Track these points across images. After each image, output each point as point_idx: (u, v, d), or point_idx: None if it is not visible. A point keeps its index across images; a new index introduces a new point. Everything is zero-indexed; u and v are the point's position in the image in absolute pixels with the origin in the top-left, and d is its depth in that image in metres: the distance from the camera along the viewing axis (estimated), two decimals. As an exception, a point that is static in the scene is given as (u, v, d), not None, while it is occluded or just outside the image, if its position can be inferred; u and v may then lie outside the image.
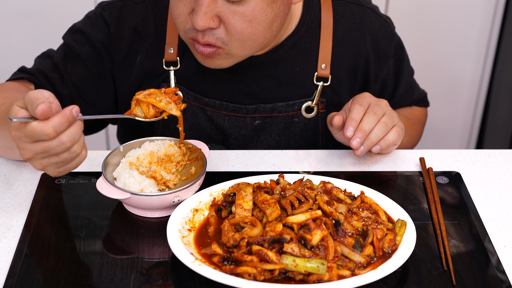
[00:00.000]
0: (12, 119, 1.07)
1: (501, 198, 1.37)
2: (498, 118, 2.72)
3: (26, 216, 1.28)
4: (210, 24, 1.30)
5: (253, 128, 1.56)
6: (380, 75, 1.61)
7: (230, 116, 1.55)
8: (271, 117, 1.56)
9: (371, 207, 1.23)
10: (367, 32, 1.56)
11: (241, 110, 1.54)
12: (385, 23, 1.59)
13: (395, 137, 1.40)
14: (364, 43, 1.56)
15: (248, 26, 1.31)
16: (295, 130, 1.58)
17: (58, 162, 1.11)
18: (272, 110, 1.55)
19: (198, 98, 1.54)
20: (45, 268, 1.15)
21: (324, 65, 1.53)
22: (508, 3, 2.56)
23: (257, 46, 1.38)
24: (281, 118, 1.56)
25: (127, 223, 1.27)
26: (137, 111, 1.27)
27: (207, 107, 1.54)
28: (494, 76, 2.71)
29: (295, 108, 1.56)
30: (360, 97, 1.41)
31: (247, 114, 1.55)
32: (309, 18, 1.53)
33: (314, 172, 1.43)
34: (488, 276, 1.16)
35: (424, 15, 2.55)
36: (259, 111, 1.55)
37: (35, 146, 1.08)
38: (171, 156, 1.35)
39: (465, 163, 1.48)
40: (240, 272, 1.08)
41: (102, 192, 1.23)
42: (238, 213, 1.18)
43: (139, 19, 1.52)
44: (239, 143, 1.58)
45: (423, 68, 2.62)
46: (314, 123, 1.58)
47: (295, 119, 1.56)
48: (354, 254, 1.11)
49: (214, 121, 1.56)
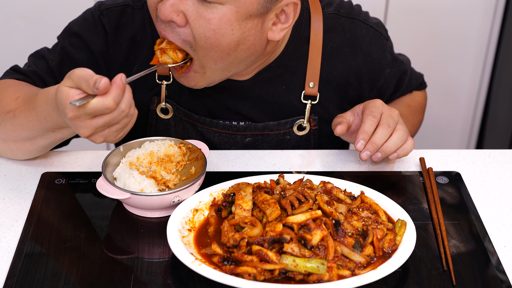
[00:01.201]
0: (75, 103, 1.08)
1: (501, 198, 1.37)
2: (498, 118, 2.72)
3: (26, 216, 1.28)
4: (174, 17, 1.27)
5: (244, 146, 1.55)
6: (376, 85, 1.59)
7: (221, 133, 1.54)
8: (262, 135, 1.54)
9: (371, 207, 1.23)
10: (357, 47, 1.53)
11: (232, 128, 1.53)
12: (376, 33, 1.55)
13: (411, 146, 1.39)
14: (354, 58, 1.53)
15: (212, 35, 1.27)
16: (287, 147, 1.56)
17: (119, 129, 1.16)
18: (263, 128, 1.53)
19: (188, 114, 1.53)
20: (45, 268, 1.15)
21: (312, 84, 1.50)
22: (508, 3, 2.56)
23: (225, 64, 1.34)
24: (272, 136, 1.55)
25: (127, 223, 1.27)
26: (165, 58, 1.32)
27: (198, 123, 1.53)
28: (494, 76, 2.71)
29: (287, 126, 1.54)
30: (374, 106, 1.39)
31: (238, 131, 1.53)
32: (298, 35, 1.49)
33: (314, 172, 1.43)
34: (488, 276, 1.16)
35: (424, 15, 2.55)
36: (250, 129, 1.53)
37: (96, 121, 1.12)
38: (171, 156, 1.34)
39: (465, 163, 1.48)
40: (240, 272, 1.08)
41: (102, 192, 1.23)
42: (238, 213, 1.18)
43: (137, 27, 1.49)
44: None
45: (423, 68, 2.62)
46: (306, 140, 1.57)
47: (287, 136, 1.55)
48: (354, 254, 1.11)
49: (204, 136, 1.55)
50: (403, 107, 1.68)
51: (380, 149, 1.36)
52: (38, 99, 1.25)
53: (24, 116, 1.29)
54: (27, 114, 1.28)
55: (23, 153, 1.39)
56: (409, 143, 1.39)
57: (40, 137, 1.32)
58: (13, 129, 1.33)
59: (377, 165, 1.46)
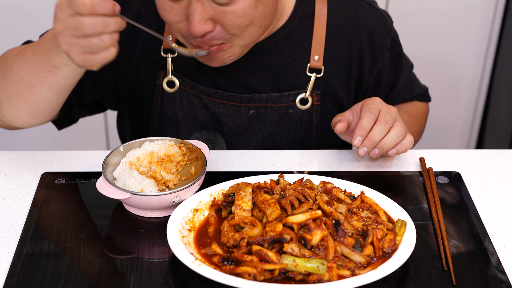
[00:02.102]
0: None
1: (501, 198, 1.37)
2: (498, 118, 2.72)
3: (26, 216, 1.28)
4: (206, 28, 1.31)
5: (248, 118, 1.57)
6: (375, 68, 1.60)
7: (225, 105, 1.55)
8: (266, 107, 1.56)
9: (371, 207, 1.23)
10: (361, 25, 1.56)
11: (236, 99, 1.55)
12: (381, 16, 1.59)
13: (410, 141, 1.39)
14: (358, 36, 1.56)
15: (243, 20, 1.32)
16: (290, 122, 1.58)
17: (85, 46, 1.18)
18: (266, 100, 1.55)
19: (193, 86, 1.55)
20: (45, 268, 1.15)
21: (317, 57, 1.54)
22: (508, 3, 2.56)
23: (258, 31, 1.39)
24: (275, 109, 1.56)
25: (127, 223, 1.27)
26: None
27: (202, 94, 1.55)
28: (494, 75, 2.71)
29: (289, 99, 1.56)
30: (372, 104, 1.39)
31: (242, 103, 1.55)
32: (302, 10, 1.53)
33: (314, 172, 1.43)
34: (488, 276, 1.16)
35: (424, 15, 2.55)
36: (254, 101, 1.55)
37: (70, 20, 1.16)
38: (171, 156, 1.35)
39: (465, 163, 1.48)
40: (240, 272, 1.08)
41: (102, 192, 1.23)
42: (237, 214, 1.18)
43: (143, 2, 1.54)
44: (233, 132, 1.58)
45: (423, 67, 2.62)
46: (309, 115, 1.58)
47: (290, 110, 1.57)
48: (354, 254, 1.11)
49: (209, 109, 1.56)
50: (404, 114, 1.67)
51: (378, 145, 1.36)
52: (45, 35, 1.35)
53: (31, 50, 1.34)
54: (34, 48, 1.34)
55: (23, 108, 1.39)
56: (408, 139, 1.38)
57: (39, 84, 1.34)
58: (18, 70, 1.36)
59: (377, 165, 1.46)
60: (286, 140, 1.60)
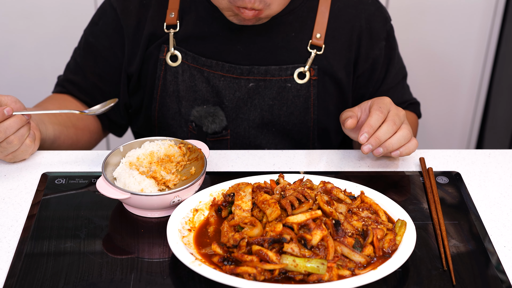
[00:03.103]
0: None
1: (501, 198, 1.37)
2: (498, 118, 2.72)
3: (26, 216, 1.28)
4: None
5: (247, 91, 1.61)
6: (371, 55, 1.65)
7: (226, 77, 1.60)
8: (265, 80, 1.61)
9: (371, 207, 1.23)
10: (362, 11, 1.63)
11: (236, 70, 1.60)
12: (381, 7, 1.67)
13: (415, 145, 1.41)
14: (359, 20, 1.63)
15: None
16: (288, 96, 1.62)
17: (1, 151, 1.37)
18: (265, 73, 1.60)
19: (196, 58, 1.61)
20: (45, 268, 1.15)
21: (319, 35, 1.60)
22: (508, 3, 2.56)
23: (286, 3, 1.49)
24: (274, 82, 1.61)
25: (127, 223, 1.27)
26: None
27: (204, 67, 1.61)
28: (494, 76, 2.71)
29: (288, 72, 1.60)
30: (382, 103, 1.40)
31: (242, 75, 1.60)
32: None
33: (314, 172, 1.43)
34: (488, 276, 1.16)
35: (424, 15, 2.55)
36: (253, 73, 1.60)
37: None
38: (171, 156, 1.35)
39: (465, 163, 1.48)
40: (240, 272, 1.08)
41: (102, 192, 1.23)
42: (237, 214, 1.18)
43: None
44: (233, 105, 1.62)
45: (423, 68, 2.62)
46: (306, 90, 1.62)
47: (288, 84, 1.61)
48: (354, 254, 1.11)
49: (210, 82, 1.61)
50: None
51: (383, 145, 1.37)
52: None
53: None
54: None
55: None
56: (413, 143, 1.40)
57: None
58: None
59: (377, 165, 1.46)
60: (284, 115, 1.63)
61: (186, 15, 1.61)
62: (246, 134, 1.65)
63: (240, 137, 1.66)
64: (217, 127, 1.64)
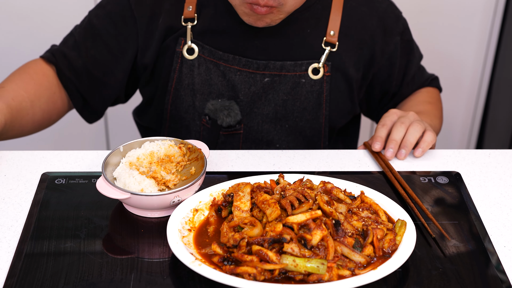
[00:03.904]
0: None
1: (501, 198, 1.37)
2: (498, 118, 2.72)
3: (26, 216, 1.28)
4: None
5: (262, 85, 1.63)
6: (387, 51, 1.69)
7: (242, 72, 1.62)
8: (280, 75, 1.63)
9: (371, 207, 1.23)
10: (374, 10, 1.67)
11: (253, 65, 1.62)
12: (392, 4, 1.72)
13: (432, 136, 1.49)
14: (371, 19, 1.66)
15: None
16: (301, 91, 1.65)
17: None
18: (281, 68, 1.62)
19: (213, 52, 1.62)
20: (45, 268, 1.15)
21: (333, 32, 1.63)
22: (508, 3, 2.56)
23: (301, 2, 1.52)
24: (289, 77, 1.63)
25: (127, 223, 1.27)
26: None
27: (220, 61, 1.62)
28: (494, 75, 2.71)
29: (302, 68, 1.63)
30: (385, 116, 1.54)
31: (258, 70, 1.62)
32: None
33: (314, 172, 1.43)
34: (488, 276, 1.16)
35: (424, 15, 2.55)
36: (269, 68, 1.62)
37: None
38: (171, 156, 1.35)
39: (465, 163, 1.48)
40: (240, 272, 1.08)
41: (102, 192, 1.23)
42: (236, 215, 1.18)
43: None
44: (248, 99, 1.64)
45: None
46: (320, 86, 1.64)
47: (302, 79, 1.64)
48: (354, 254, 1.11)
49: (226, 76, 1.63)
50: (424, 105, 1.76)
51: (402, 145, 1.47)
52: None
53: None
54: None
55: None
56: (429, 135, 1.49)
57: None
58: None
59: (377, 165, 1.46)
60: (297, 110, 1.66)
61: (204, 8, 1.62)
62: (259, 128, 1.67)
63: (253, 131, 1.67)
64: (232, 121, 1.65)
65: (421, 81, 1.82)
